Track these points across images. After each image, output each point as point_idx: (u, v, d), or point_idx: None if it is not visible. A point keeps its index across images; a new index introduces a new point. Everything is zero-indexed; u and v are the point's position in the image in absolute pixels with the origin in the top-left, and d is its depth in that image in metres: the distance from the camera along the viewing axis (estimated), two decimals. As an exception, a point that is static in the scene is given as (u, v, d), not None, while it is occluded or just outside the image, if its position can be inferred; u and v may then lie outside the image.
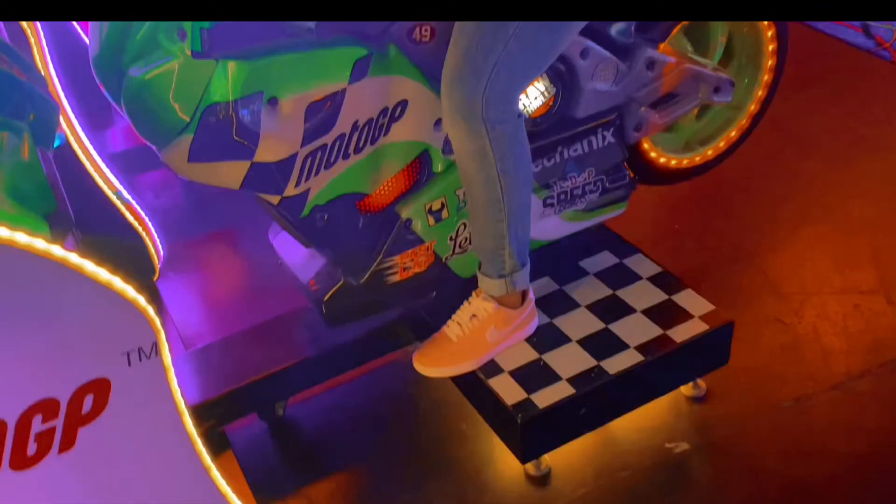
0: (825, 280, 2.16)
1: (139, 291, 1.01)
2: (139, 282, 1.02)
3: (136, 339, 1.02)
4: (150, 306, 1.02)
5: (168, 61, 1.29)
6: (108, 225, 1.81)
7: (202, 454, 1.14)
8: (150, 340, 1.03)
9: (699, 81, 1.82)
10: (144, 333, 1.02)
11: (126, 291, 0.99)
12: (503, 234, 1.60)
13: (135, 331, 1.01)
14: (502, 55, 1.42)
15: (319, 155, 1.45)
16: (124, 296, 0.98)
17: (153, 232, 1.90)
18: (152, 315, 1.02)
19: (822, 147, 2.59)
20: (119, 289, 0.98)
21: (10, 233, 0.90)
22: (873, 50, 3.00)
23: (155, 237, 1.91)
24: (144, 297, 1.02)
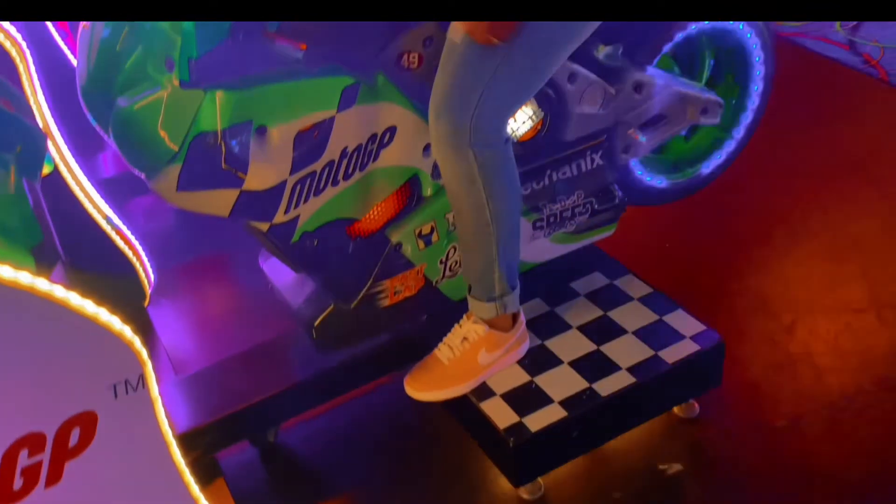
0: (816, 299, 2.16)
1: (125, 323, 1.00)
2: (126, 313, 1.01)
3: (122, 371, 1.01)
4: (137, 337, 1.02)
5: (156, 91, 1.29)
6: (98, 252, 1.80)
7: (190, 486, 1.13)
8: (137, 372, 1.02)
9: (687, 103, 1.82)
10: (131, 365, 1.01)
11: (112, 324, 0.98)
12: (492, 257, 1.60)
13: (121, 363, 1.01)
14: (490, 82, 1.42)
15: (308, 182, 1.45)
16: (110, 328, 0.98)
17: (144, 257, 1.90)
18: (139, 347, 1.01)
19: (812, 165, 2.60)
20: (105, 321, 0.97)
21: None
22: (860, 68, 3.03)
23: (146, 263, 1.90)
24: (131, 328, 1.02)
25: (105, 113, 1.34)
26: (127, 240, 1.86)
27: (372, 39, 1.47)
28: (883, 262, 2.24)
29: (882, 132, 2.72)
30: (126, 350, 1.00)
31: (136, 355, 1.01)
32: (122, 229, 1.85)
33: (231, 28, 1.28)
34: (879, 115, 2.81)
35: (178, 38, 1.25)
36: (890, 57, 3.05)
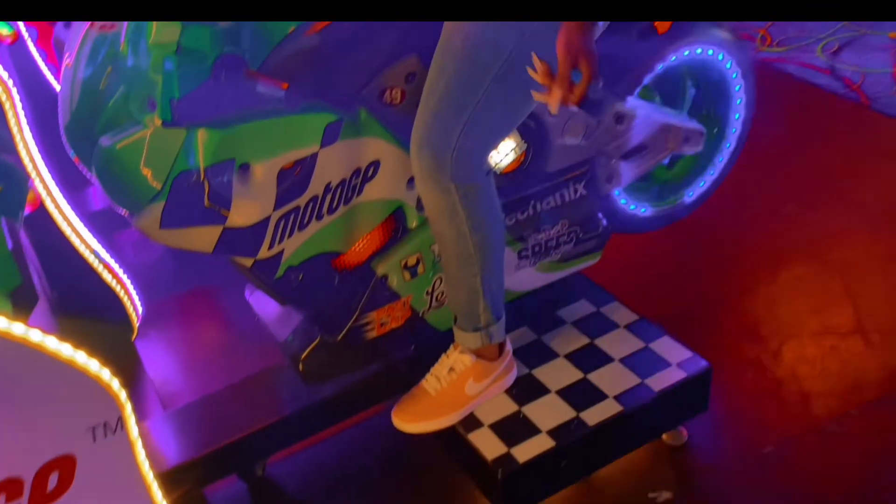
0: (803, 322, 2.16)
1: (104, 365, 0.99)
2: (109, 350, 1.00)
3: (100, 414, 0.99)
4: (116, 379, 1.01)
5: (138, 130, 1.28)
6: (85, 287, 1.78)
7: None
8: (116, 415, 1.01)
9: (668, 133, 1.83)
10: (109, 408, 1.00)
11: (89, 367, 0.97)
12: (477, 288, 1.59)
13: (99, 406, 0.99)
14: (471, 116, 1.42)
15: (293, 217, 1.44)
16: (87, 371, 0.96)
17: (132, 291, 1.88)
18: (117, 389, 0.99)
19: (795, 189, 2.60)
20: (82, 364, 0.96)
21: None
22: (842, 92, 3.04)
23: (133, 296, 1.88)
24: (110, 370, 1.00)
25: (88, 151, 1.33)
26: (115, 273, 1.85)
27: (354, 76, 1.47)
28: (867, 285, 2.24)
29: (864, 156, 2.73)
30: (104, 392, 0.99)
31: (115, 398, 1.00)
32: (109, 263, 1.84)
33: (213, 67, 1.27)
34: (861, 138, 2.83)
35: (160, 78, 1.24)
36: (870, 81, 3.07)
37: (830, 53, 3.26)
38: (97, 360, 0.98)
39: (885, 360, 2.03)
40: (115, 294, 1.85)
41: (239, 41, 1.31)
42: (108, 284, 1.83)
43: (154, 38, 1.23)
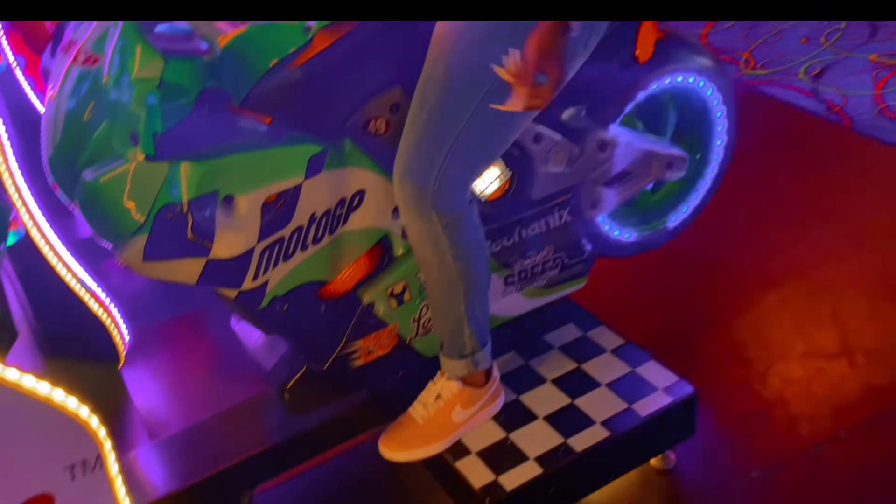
0: (789, 344, 2.15)
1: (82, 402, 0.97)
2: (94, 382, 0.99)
3: (79, 452, 0.98)
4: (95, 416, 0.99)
5: (121, 164, 1.27)
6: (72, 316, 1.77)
7: (152, 565, 1.09)
8: (95, 452, 0.99)
9: (652, 159, 1.83)
10: (88, 446, 0.98)
11: (66, 405, 0.95)
12: (462, 315, 1.58)
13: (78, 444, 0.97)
14: (453, 147, 1.42)
15: (277, 248, 1.43)
16: (65, 409, 0.95)
17: (118, 319, 1.86)
18: (95, 427, 0.98)
19: (780, 211, 2.60)
20: (59, 403, 0.94)
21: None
22: (824, 114, 3.06)
23: (120, 324, 1.87)
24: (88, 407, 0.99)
25: (71, 184, 1.32)
26: (101, 302, 1.83)
27: (338, 108, 1.46)
28: (852, 306, 2.24)
29: (847, 177, 2.73)
30: (82, 430, 0.97)
31: (93, 435, 0.98)
32: (95, 292, 1.82)
33: (195, 102, 1.27)
34: (844, 160, 2.84)
35: (143, 113, 1.24)
36: (852, 103, 3.09)
37: (813, 76, 3.29)
38: (76, 397, 0.97)
39: (870, 381, 2.02)
40: (102, 323, 1.83)
41: (221, 75, 1.31)
42: (95, 313, 1.82)
43: (137, 73, 1.23)
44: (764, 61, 3.43)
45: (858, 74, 3.26)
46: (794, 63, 3.39)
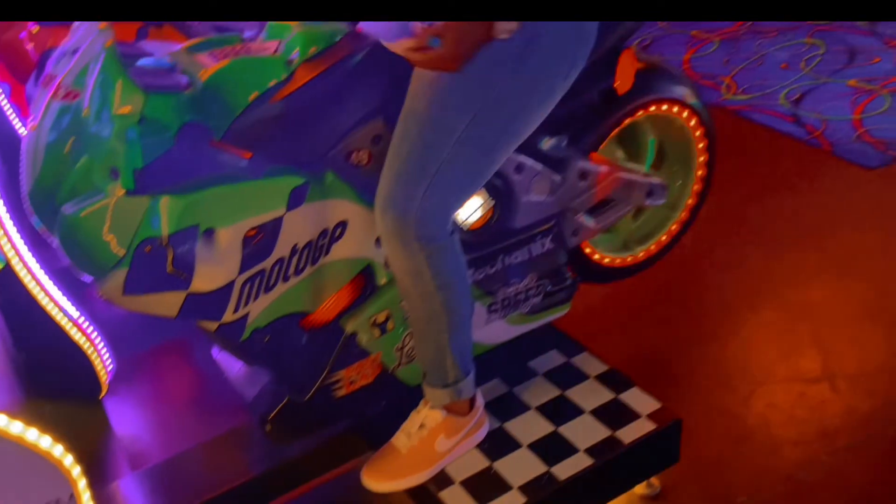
0: (771, 369, 2.15)
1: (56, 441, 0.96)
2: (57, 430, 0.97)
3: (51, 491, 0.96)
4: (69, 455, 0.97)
5: (101, 199, 1.26)
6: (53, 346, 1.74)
7: None
8: (67, 492, 0.97)
9: (632, 187, 1.83)
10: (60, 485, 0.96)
11: (39, 444, 0.94)
12: (444, 345, 1.57)
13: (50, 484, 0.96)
14: (434, 178, 1.42)
15: (258, 280, 1.42)
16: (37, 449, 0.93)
17: (100, 348, 1.84)
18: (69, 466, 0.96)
19: (763, 235, 2.62)
20: (31, 442, 0.93)
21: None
22: (804, 139, 3.08)
23: (102, 353, 1.84)
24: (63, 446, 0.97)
25: (51, 217, 1.31)
26: (83, 331, 1.81)
27: (320, 141, 1.46)
28: (833, 330, 2.24)
29: (828, 201, 2.75)
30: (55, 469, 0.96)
31: (66, 474, 0.97)
32: (77, 320, 1.80)
33: (176, 136, 1.26)
34: (824, 184, 2.86)
35: (123, 147, 1.23)
36: (832, 128, 3.12)
37: (793, 101, 3.32)
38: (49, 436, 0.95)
39: (852, 405, 2.02)
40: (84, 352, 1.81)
41: (202, 110, 1.30)
42: (77, 343, 1.80)
43: (117, 108, 1.22)
44: (745, 86, 3.46)
45: (837, 99, 3.29)
46: (775, 88, 3.42)
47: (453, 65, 1.30)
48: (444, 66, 1.30)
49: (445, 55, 1.28)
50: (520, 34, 1.39)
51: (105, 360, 1.85)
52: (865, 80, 3.40)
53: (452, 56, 1.29)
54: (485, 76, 1.41)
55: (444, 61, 1.30)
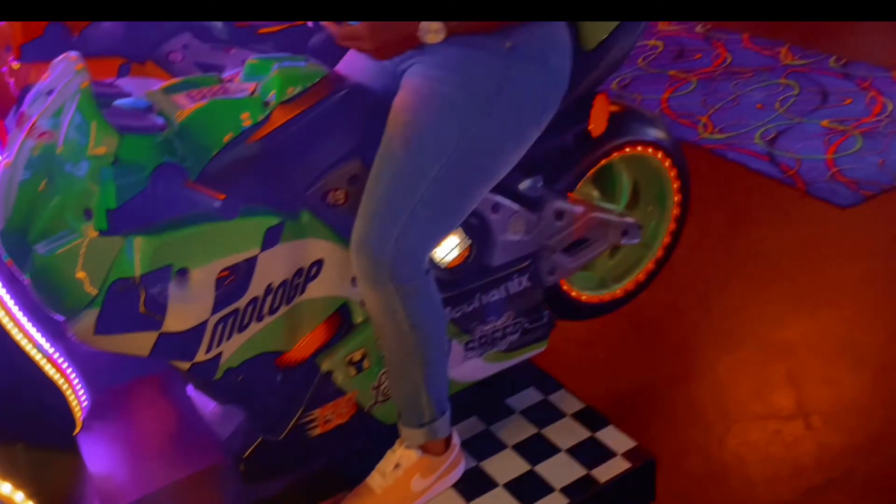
0: (746, 406, 2.14)
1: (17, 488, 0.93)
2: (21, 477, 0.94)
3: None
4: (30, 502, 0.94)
5: (74, 239, 1.24)
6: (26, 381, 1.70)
7: None
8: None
9: (608, 227, 1.84)
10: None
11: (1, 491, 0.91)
12: (419, 384, 1.55)
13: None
14: (409, 219, 1.41)
15: (231, 320, 1.39)
16: (5, 501, 0.90)
17: (75, 383, 1.80)
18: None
19: (738, 272, 2.62)
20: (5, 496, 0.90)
21: None
22: (779, 177, 3.11)
23: (77, 388, 1.80)
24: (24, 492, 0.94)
25: (23, 256, 1.28)
26: (58, 367, 1.77)
27: (296, 181, 1.45)
28: (807, 368, 2.24)
29: (802, 239, 2.77)
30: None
31: (28, 523, 0.93)
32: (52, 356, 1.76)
33: (150, 177, 1.25)
34: (799, 223, 2.87)
35: (97, 188, 1.22)
36: (806, 167, 3.15)
37: (768, 140, 3.35)
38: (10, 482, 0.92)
39: (826, 443, 2.01)
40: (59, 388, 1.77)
41: (178, 151, 1.29)
42: (51, 378, 1.76)
43: (91, 148, 1.21)
44: (722, 125, 3.49)
45: (811, 139, 3.33)
46: (751, 128, 3.46)
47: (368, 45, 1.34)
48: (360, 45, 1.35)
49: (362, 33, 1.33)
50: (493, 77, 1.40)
51: (80, 395, 1.81)
52: (838, 120, 3.45)
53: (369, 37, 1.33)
54: (458, 119, 1.41)
55: (358, 39, 1.34)
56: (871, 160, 3.15)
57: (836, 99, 3.62)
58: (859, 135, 3.33)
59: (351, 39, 1.36)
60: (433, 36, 1.34)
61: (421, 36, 1.34)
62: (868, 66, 3.89)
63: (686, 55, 4.13)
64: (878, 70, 3.84)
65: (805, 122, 3.46)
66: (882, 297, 2.47)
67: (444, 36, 1.35)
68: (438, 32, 1.34)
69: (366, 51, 1.37)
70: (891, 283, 2.52)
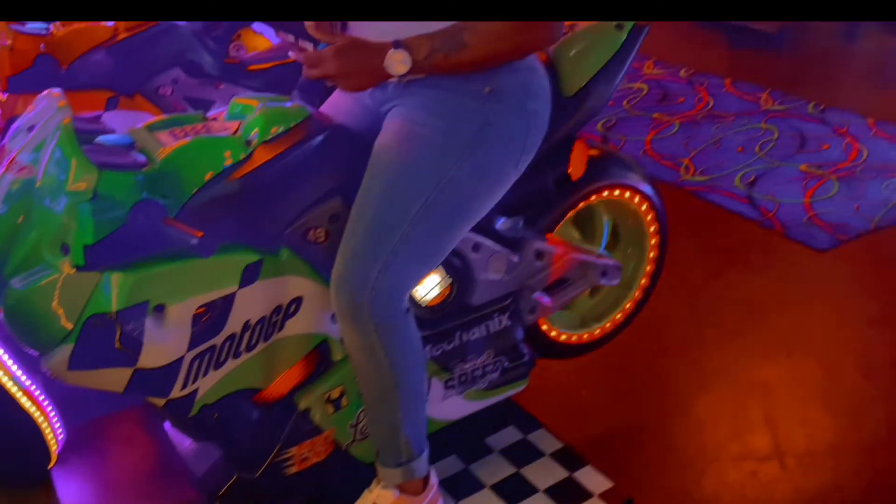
0: (724, 446, 2.11)
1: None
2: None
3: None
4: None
5: (50, 274, 1.22)
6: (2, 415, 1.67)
7: None
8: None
9: (587, 267, 1.83)
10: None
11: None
12: (398, 423, 1.52)
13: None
14: (389, 258, 1.40)
15: (208, 356, 1.37)
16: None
17: (52, 416, 1.76)
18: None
19: (716, 313, 2.61)
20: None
21: None
22: (758, 219, 3.13)
23: (53, 420, 1.77)
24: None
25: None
26: (34, 399, 1.73)
27: (277, 219, 1.43)
28: (784, 409, 2.22)
29: (779, 282, 2.77)
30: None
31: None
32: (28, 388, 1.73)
33: (129, 214, 1.23)
34: (776, 265, 2.88)
35: (75, 223, 1.20)
36: (784, 210, 3.17)
37: (748, 183, 3.37)
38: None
39: (800, 485, 1.99)
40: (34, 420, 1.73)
41: (158, 188, 1.28)
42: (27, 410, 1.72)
43: (71, 184, 1.19)
44: (703, 168, 3.52)
45: (790, 183, 3.35)
46: (731, 170, 3.48)
47: (332, 69, 1.32)
48: (325, 70, 1.33)
49: (326, 57, 1.31)
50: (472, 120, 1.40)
51: (56, 428, 1.77)
52: (816, 165, 3.48)
53: (332, 59, 1.32)
54: (438, 160, 1.41)
55: (323, 63, 1.33)
56: (848, 205, 3.17)
57: (814, 144, 3.66)
58: (836, 180, 3.36)
59: (317, 66, 1.33)
60: (399, 66, 1.31)
61: (387, 67, 1.32)
62: (844, 112, 3.94)
63: (670, 98, 4.18)
64: (855, 117, 3.90)
65: (784, 165, 3.49)
66: (856, 340, 2.47)
67: (408, 67, 1.31)
68: (403, 63, 1.31)
69: (332, 78, 1.33)
70: (864, 327, 2.52)
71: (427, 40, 1.32)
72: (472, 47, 1.31)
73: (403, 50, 1.31)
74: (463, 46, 1.31)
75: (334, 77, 1.34)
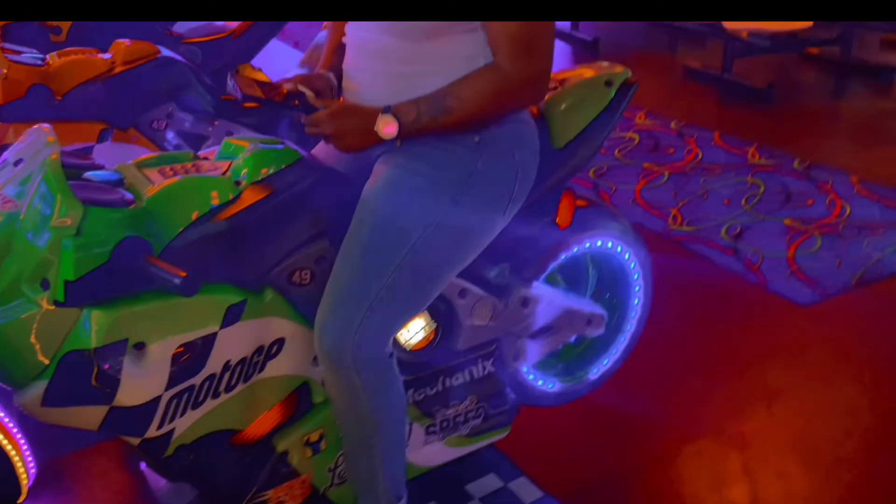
0: (702, 497, 2.07)
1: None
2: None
3: None
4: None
5: (29, 309, 1.19)
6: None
7: None
8: None
9: (572, 316, 1.81)
10: None
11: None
12: (377, 468, 1.48)
13: None
14: (373, 304, 1.38)
15: (186, 396, 1.33)
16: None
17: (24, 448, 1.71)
18: None
19: (699, 364, 2.59)
20: None
21: None
22: (742, 272, 3.12)
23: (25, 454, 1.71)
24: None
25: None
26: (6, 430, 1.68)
27: (262, 260, 1.40)
28: (763, 461, 2.19)
29: (762, 334, 2.75)
30: None
31: None
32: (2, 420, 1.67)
33: (113, 251, 1.21)
34: (758, 317, 2.86)
35: (56, 259, 1.17)
36: (768, 263, 3.17)
37: (733, 235, 3.38)
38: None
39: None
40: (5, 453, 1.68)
41: (143, 226, 1.26)
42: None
43: (55, 220, 1.17)
44: (690, 218, 3.53)
45: (774, 236, 3.36)
46: (717, 222, 3.49)
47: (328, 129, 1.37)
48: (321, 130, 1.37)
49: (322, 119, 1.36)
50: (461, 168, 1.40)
51: (28, 462, 1.72)
52: (800, 220, 3.50)
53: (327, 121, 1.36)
54: (424, 207, 1.40)
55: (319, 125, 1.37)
56: (830, 261, 3.17)
57: (798, 199, 3.68)
58: (819, 235, 3.37)
59: (313, 126, 1.38)
60: (388, 129, 1.36)
61: (378, 130, 1.35)
62: (829, 169, 3.98)
63: (660, 149, 4.21)
64: (839, 174, 3.93)
65: (769, 219, 3.51)
66: (836, 395, 2.45)
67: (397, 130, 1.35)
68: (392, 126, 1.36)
69: (326, 137, 1.38)
70: (844, 382, 2.51)
71: (413, 105, 1.34)
72: (457, 111, 1.33)
73: (391, 115, 1.33)
74: (448, 111, 1.33)
75: (331, 137, 1.37)
